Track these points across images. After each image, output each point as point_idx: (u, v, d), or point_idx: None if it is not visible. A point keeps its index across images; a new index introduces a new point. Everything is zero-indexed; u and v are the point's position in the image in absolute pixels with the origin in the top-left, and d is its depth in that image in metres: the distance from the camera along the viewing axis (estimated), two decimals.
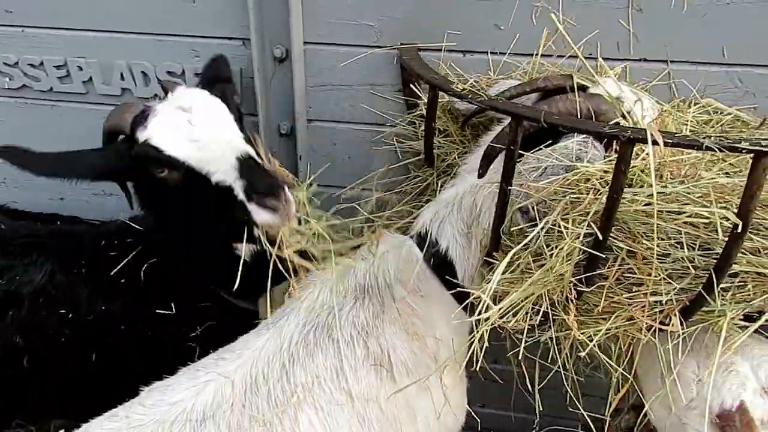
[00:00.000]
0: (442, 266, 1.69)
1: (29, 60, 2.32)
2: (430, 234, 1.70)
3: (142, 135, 1.59)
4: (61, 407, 2.20)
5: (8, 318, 1.97)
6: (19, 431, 2.46)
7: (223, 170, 1.56)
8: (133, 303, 1.99)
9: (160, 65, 2.25)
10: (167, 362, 1.69)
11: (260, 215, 1.55)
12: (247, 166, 1.57)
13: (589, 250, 1.35)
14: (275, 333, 1.58)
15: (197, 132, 1.57)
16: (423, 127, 2.09)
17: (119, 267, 1.95)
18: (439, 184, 2.08)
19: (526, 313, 1.49)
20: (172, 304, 1.93)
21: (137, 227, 2.00)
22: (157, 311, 1.90)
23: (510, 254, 1.40)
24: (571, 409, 2.50)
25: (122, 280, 1.97)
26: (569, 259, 1.37)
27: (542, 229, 1.39)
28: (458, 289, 1.70)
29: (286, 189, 1.57)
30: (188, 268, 1.95)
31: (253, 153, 1.62)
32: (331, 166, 2.29)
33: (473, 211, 1.67)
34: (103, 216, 2.38)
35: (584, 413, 1.80)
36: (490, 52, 2.02)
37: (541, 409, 1.83)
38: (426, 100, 1.85)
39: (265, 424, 1.41)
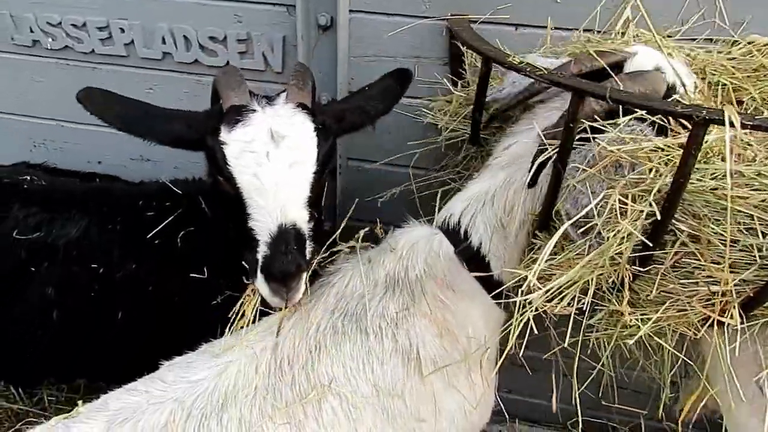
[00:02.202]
0: (474, 261, 1.61)
1: (72, 20, 2.30)
2: (461, 227, 1.62)
3: (224, 133, 1.48)
4: (86, 367, 2.22)
5: (43, 269, 1.99)
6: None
7: (260, 224, 1.45)
8: (164, 266, 1.97)
9: (201, 30, 2.20)
10: (189, 332, 1.68)
11: (263, 288, 1.46)
12: (279, 240, 1.43)
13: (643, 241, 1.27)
14: (302, 318, 1.52)
15: (265, 172, 1.43)
16: (467, 105, 2.03)
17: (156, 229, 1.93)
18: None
19: (573, 297, 1.42)
20: (205, 269, 1.90)
21: (177, 191, 1.96)
22: (191, 275, 1.87)
23: (561, 230, 1.32)
24: (605, 403, 2.45)
25: (156, 242, 1.94)
26: (627, 241, 1.29)
27: (598, 207, 1.31)
28: (492, 282, 1.63)
29: (301, 277, 1.46)
30: (223, 243, 1.91)
31: (301, 222, 1.46)
32: (371, 140, 2.23)
33: (506, 207, 1.60)
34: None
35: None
36: (545, 27, 1.92)
37: (577, 398, 1.77)
38: (470, 77, 1.79)
39: (287, 412, 1.36)
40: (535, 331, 1.36)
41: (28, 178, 2.14)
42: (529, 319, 1.38)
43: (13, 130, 2.61)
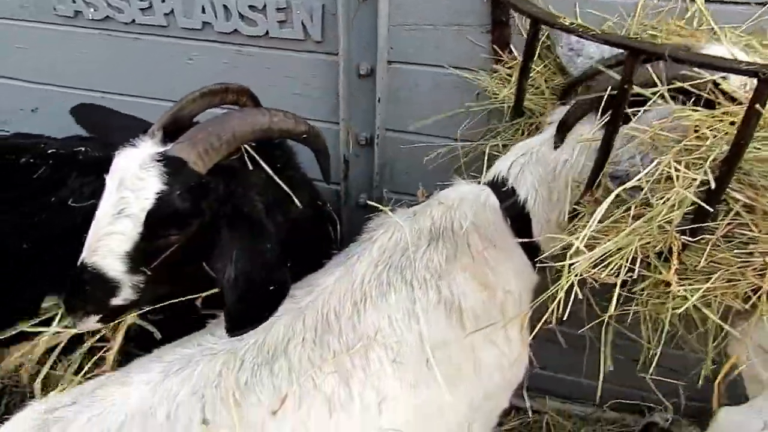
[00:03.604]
0: (518, 218, 1.62)
1: None
2: (508, 183, 1.62)
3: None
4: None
5: None
6: None
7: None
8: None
9: None
10: None
11: None
12: (76, 273, 1.46)
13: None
14: (346, 271, 1.55)
15: (100, 207, 1.47)
16: (511, 73, 2.00)
17: None
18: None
19: (619, 266, 1.40)
20: None
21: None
22: None
23: (612, 195, 1.30)
24: (640, 374, 2.42)
25: None
26: (679, 208, 1.26)
27: (649, 173, 1.29)
28: (531, 244, 1.65)
29: (79, 316, 1.47)
30: None
31: (108, 269, 1.43)
32: (411, 110, 2.22)
33: (552, 162, 1.59)
34: None
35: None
36: None
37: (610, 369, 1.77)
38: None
39: (335, 361, 1.39)
40: (579, 296, 1.35)
41: (83, 149, 2.21)
42: (573, 285, 1.37)
43: (55, 102, 2.67)
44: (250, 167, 1.56)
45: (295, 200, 1.64)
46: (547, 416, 2.82)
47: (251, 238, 1.43)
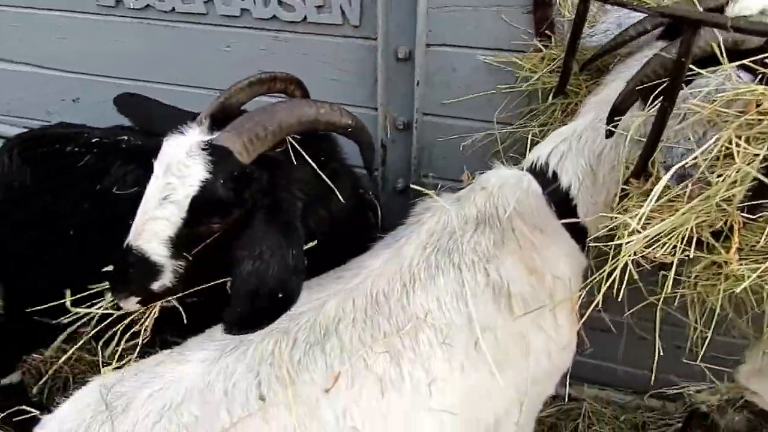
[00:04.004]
0: (562, 203, 1.61)
1: None
2: (549, 169, 1.62)
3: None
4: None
5: None
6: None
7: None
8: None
9: None
10: None
11: None
12: (121, 255, 1.49)
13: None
14: (394, 253, 1.56)
15: (147, 191, 1.49)
16: (551, 56, 1.98)
17: None
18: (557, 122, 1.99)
19: (674, 245, 1.37)
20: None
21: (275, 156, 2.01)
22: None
23: (671, 172, 1.28)
24: (686, 361, 2.38)
25: None
26: (741, 184, 1.23)
27: (707, 150, 1.26)
28: (578, 227, 1.64)
29: (122, 298, 1.51)
30: None
31: (152, 253, 1.46)
32: (449, 94, 2.21)
33: (596, 150, 1.59)
34: None
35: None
36: None
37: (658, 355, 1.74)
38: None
39: (386, 342, 1.40)
40: (635, 275, 1.34)
41: (126, 137, 2.24)
42: (626, 264, 1.36)
43: (95, 92, 2.71)
44: (294, 160, 1.56)
45: (338, 195, 1.63)
46: (584, 403, 2.79)
47: (281, 238, 1.43)
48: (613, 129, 1.46)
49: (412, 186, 1.69)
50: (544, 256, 1.58)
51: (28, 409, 2.03)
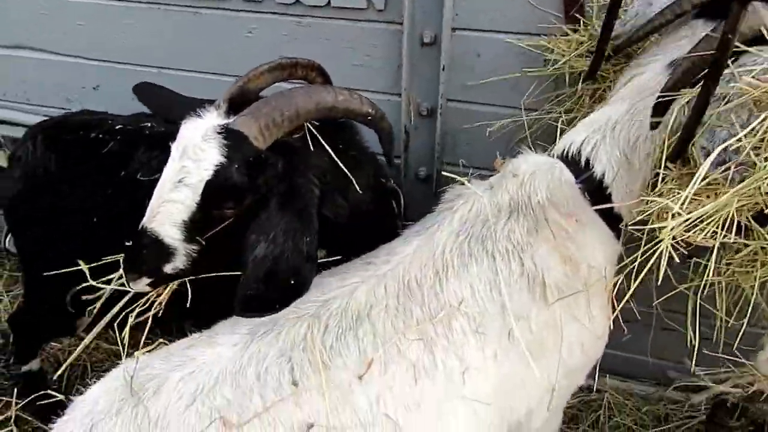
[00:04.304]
0: (597, 191, 1.59)
1: None
2: (582, 157, 1.59)
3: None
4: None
5: None
6: None
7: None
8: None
9: None
10: None
11: None
12: (136, 236, 1.48)
13: None
14: (426, 240, 1.53)
15: (164, 173, 1.49)
16: (580, 40, 1.94)
17: None
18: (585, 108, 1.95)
19: (715, 229, 1.34)
20: None
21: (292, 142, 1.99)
22: None
23: (713, 155, 1.24)
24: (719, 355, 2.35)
25: None
26: None
27: (752, 132, 1.22)
28: (612, 215, 1.62)
29: (134, 279, 1.50)
30: None
31: (165, 236, 1.45)
32: (474, 79, 2.18)
33: (630, 138, 1.56)
34: None
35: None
36: None
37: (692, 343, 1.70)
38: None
39: (419, 329, 1.38)
40: (676, 259, 1.30)
41: (150, 124, 2.24)
42: (666, 248, 1.33)
43: (116, 79, 2.71)
44: (312, 147, 1.54)
45: (356, 185, 1.61)
46: (606, 395, 2.75)
47: (296, 224, 1.42)
48: (658, 120, 1.42)
49: (443, 172, 1.66)
50: (579, 245, 1.55)
51: (52, 393, 2.05)
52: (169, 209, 1.42)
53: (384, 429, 1.28)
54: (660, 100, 1.43)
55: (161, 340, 1.46)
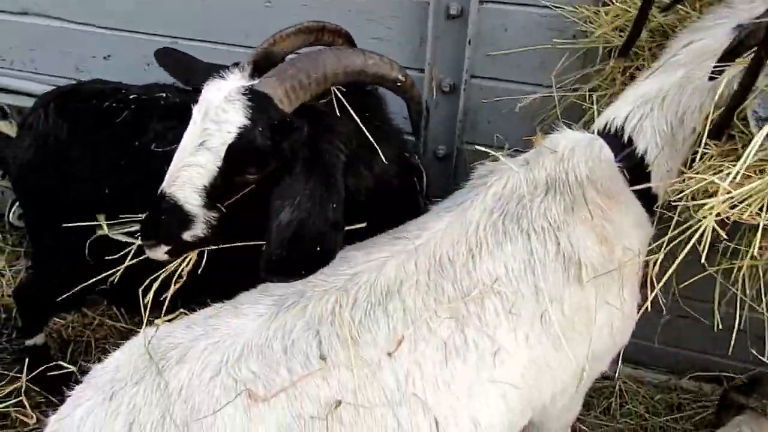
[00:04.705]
0: (636, 169, 1.54)
1: None
2: (625, 133, 1.54)
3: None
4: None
5: None
6: None
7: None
8: None
9: None
10: None
11: None
12: (154, 202, 1.44)
13: None
14: (458, 216, 1.48)
15: (185, 136, 1.44)
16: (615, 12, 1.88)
17: None
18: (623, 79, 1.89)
19: (759, 206, 1.29)
20: None
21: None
22: None
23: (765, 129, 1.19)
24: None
25: None
26: None
27: None
28: (649, 195, 1.59)
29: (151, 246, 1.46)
30: None
31: (185, 201, 1.41)
32: (499, 55, 2.12)
33: (679, 111, 1.50)
34: None
35: None
36: None
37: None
38: None
39: (451, 307, 1.33)
40: (723, 235, 1.26)
41: (164, 94, 2.18)
42: (706, 229, 1.28)
43: (128, 49, 2.64)
44: (338, 113, 1.48)
45: (381, 155, 1.55)
46: (618, 382, 2.73)
47: (322, 189, 1.37)
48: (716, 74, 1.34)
49: (477, 147, 1.61)
50: (616, 226, 1.50)
51: (64, 365, 2.01)
52: (190, 174, 1.38)
53: (412, 409, 1.24)
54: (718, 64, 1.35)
55: (182, 310, 1.41)
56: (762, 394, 2.33)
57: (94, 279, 1.82)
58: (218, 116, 1.36)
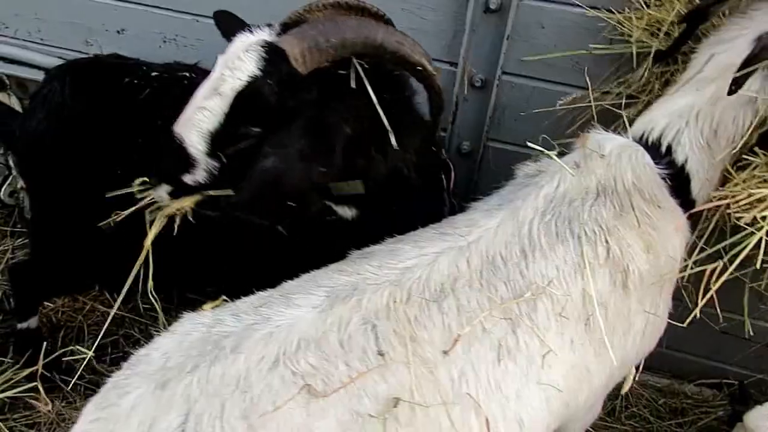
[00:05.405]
0: (677, 179, 1.57)
1: None
2: (664, 143, 1.57)
3: None
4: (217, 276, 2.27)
5: None
6: None
7: None
8: None
9: None
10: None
11: None
12: (165, 138, 1.49)
13: None
14: (509, 215, 1.46)
15: (205, 83, 1.48)
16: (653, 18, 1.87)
17: None
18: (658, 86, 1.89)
19: None
20: None
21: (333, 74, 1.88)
22: None
23: None
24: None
25: None
26: None
27: None
28: (689, 203, 1.61)
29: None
30: None
31: (189, 143, 1.44)
32: (534, 52, 2.09)
33: (713, 125, 1.55)
34: None
35: None
36: None
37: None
38: None
39: (505, 307, 1.31)
40: None
41: (187, 74, 2.12)
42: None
43: (144, 24, 2.54)
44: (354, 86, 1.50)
45: (392, 140, 1.54)
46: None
47: (312, 150, 1.41)
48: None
49: (528, 143, 1.59)
50: (660, 233, 1.51)
51: (81, 349, 1.94)
52: (199, 116, 1.42)
53: (465, 408, 1.22)
54: (738, 74, 1.40)
55: (223, 297, 1.36)
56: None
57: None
58: (233, 64, 1.41)
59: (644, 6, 1.86)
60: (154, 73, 2.12)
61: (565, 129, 2.12)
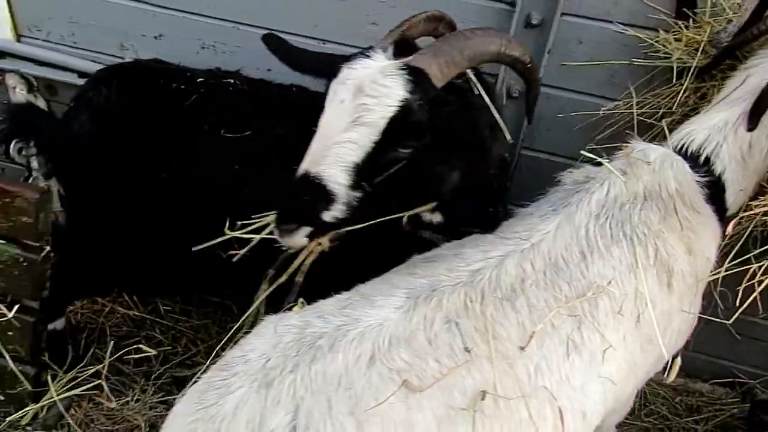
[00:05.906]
0: (713, 187, 1.69)
1: None
2: (703, 155, 1.69)
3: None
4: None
5: None
6: None
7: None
8: None
9: None
10: None
11: None
12: (296, 184, 1.41)
13: None
14: (565, 219, 1.55)
15: (326, 117, 1.45)
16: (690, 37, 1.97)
17: None
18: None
19: None
20: None
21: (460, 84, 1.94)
22: None
23: None
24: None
25: None
26: None
27: None
28: (724, 210, 1.74)
29: (292, 229, 1.42)
30: None
31: (331, 181, 1.38)
32: (572, 67, 2.19)
33: (747, 139, 1.68)
34: None
35: None
36: None
37: None
38: None
39: (571, 306, 1.40)
40: None
41: (232, 81, 2.17)
42: None
43: (183, 30, 2.57)
44: (476, 92, 1.59)
45: (506, 134, 1.65)
46: None
47: (478, 158, 1.57)
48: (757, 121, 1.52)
49: (582, 152, 1.68)
50: (700, 237, 1.62)
51: (145, 348, 1.97)
52: (340, 151, 1.36)
53: (541, 400, 1.30)
54: (753, 108, 1.57)
55: (301, 300, 1.42)
56: None
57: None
58: (377, 90, 1.37)
59: (683, 28, 1.96)
60: (199, 79, 2.16)
61: (594, 139, 2.21)
